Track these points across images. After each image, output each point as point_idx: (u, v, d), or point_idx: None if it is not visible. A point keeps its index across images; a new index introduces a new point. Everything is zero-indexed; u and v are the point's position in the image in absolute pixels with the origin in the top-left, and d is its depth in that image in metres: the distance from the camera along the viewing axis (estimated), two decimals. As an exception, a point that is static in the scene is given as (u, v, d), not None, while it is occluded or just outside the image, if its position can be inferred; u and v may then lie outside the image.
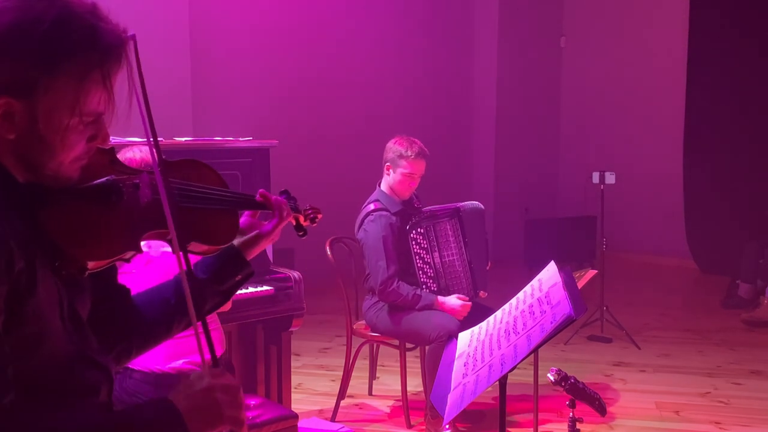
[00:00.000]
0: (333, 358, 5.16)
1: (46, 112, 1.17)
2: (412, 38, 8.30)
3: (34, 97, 1.16)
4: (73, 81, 1.17)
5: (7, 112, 1.16)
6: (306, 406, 4.25)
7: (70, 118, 1.19)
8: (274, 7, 7.11)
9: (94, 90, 1.20)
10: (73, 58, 1.17)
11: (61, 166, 1.23)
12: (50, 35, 1.15)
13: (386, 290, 3.80)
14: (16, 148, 1.19)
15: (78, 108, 1.19)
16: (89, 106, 1.20)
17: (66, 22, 1.16)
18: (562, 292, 2.01)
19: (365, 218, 3.90)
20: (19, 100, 1.16)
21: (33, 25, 1.14)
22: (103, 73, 1.19)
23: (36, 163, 1.21)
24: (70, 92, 1.18)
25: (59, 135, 1.20)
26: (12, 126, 1.17)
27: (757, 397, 4.55)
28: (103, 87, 1.20)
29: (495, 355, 2.01)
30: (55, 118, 1.18)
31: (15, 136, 1.18)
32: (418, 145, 3.92)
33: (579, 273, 3.95)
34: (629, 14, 8.92)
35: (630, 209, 8.59)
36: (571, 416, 2.40)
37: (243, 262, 1.56)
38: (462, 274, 3.92)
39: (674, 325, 6.20)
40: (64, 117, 1.19)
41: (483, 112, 9.04)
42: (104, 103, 1.22)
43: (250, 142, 3.74)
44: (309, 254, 5.81)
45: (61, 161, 1.23)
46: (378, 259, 3.81)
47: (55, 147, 1.20)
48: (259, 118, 6.66)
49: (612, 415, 4.15)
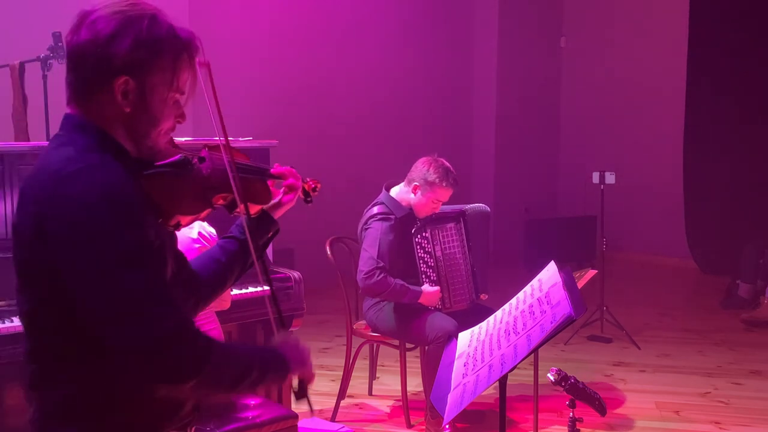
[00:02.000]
0: (333, 358, 5.16)
1: (152, 87, 1.52)
2: (412, 38, 8.30)
3: (143, 75, 1.51)
4: (169, 61, 1.53)
5: (125, 90, 1.51)
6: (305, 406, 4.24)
7: (169, 92, 1.55)
8: (275, 7, 7.10)
9: (184, 69, 1.56)
10: (168, 43, 1.53)
11: (159, 137, 1.58)
12: (150, 28, 1.52)
13: (371, 279, 3.72)
14: (128, 120, 1.53)
15: (174, 83, 1.55)
16: (181, 82, 1.57)
17: (157, 20, 1.54)
18: (562, 292, 2.01)
19: (369, 219, 3.90)
20: (133, 78, 1.50)
21: (136, 21, 1.51)
22: (189, 55, 1.57)
23: (141, 133, 1.55)
24: (169, 71, 1.54)
25: (160, 107, 1.55)
26: (128, 101, 1.52)
27: (757, 397, 4.55)
28: (190, 66, 1.58)
29: (495, 355, 2.01)
30: (158, 92, 1.53)
31: (130, 109, 1.52)
32: (452, 174, 3.88)
33: (579, 273, 3.95)
34: (629, 14, 8.92)
35: (630, 209, 8.59)
36: (571, 416, 2.40)
37: (272, 221, 1.91)
38: (464, 277, 3.91)
39: (674, 325, 6.20)
40: (165, 91, 1.54)
41: (483, 112, 9.04)
42: (189, 83, 1.59)
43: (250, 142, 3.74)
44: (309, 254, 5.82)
45: (159, 131, 1.57)
46: (371, 251, 3.78)
47: (158, 118, 1.55)
48: (259, 118, 6.66)
49: (612, 415, 4.15)
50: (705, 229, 8.26)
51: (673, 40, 8.48)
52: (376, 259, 3.74)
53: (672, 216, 8.50)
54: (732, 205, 7.96)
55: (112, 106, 1.51)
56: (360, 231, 3.95)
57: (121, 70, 1.49)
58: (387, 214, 3.86)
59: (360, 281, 3.79)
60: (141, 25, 1.51)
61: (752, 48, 7.87)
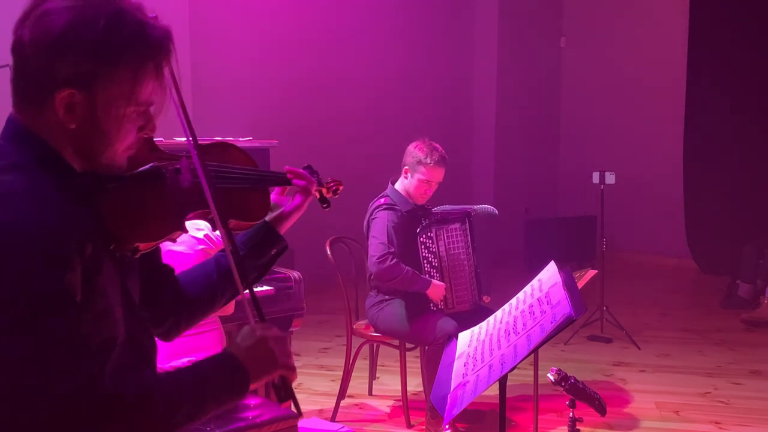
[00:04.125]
0: (333, 358, 5.16)
1: (104, 102, 1.27)
2: (411, 38, 8.30)
3: (93, 88, 1.26)
4: (129, 72, 1.27)
5: (70, 103, 1.26)
6: (306, 406, 4.25)
7: (126, 107, 1.29)
8: (274, 7, 7.10)
9: (148, 80, 1.30)
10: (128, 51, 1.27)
11: (115, 154, 1.33)
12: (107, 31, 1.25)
13: (384, 264, 3.71)
14: (75, 137, 1.29)
15: (134, 97, 1.29)
16: (143, 96, 1.30)
17: (120, 19, 1.26)
18: (562, 292, 2.01)
19: (375, 209, 3.90)
20: (80, 91, 1.25)
21: (91, 22, 1.24)
22: (156, 65, 1.31)
23: (93, 151, 1.31)
24: (127, 83, 1.28)
25: (115, 124, 1.30)
26: (73, 116, 1.27)
27: (757, 397, 4.55)
28: (155, 78, 1.31)
29: (495, 355, 2.01)
30: (113, 108, 1.28)
31: (76, 125, 1.27)
32: (438, 152, 3.88)
33: (579, 273, 3.94)
34: (629, 14, 8.92)
35: (630, 209, 8.58)
36: (571, 416, 2.40)
37: (277, 237, 1.68)
38: (468, 278, 3.90)
39: (674, 325, 6.20)
40: (120, 106, 1.28)
41: (483, 112, 9.04)
42: (156, 93, 1.33)
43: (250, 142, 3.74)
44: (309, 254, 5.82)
45: (116, 149, 1.33)
46: (381, 237, 3.78)
47: (111, 135, 1.30)
48: (259, 118, 6.66)
49: (612, 415, 4.15)
50: (705, 229, 8.26)
51: (674, 40, 8.48)
52: (387, 244, 3.75)
53: (672, 216, 8.50)
54: (732, 205, 7.96)
55: (55, 121, 1.27)
56: (366, 223, 3.96)
57: (67, 82, 1.24)
58: (392, 205, 3.88)
59: (372, 266, 3.78)
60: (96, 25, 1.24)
61: (752, 48, 7.87)
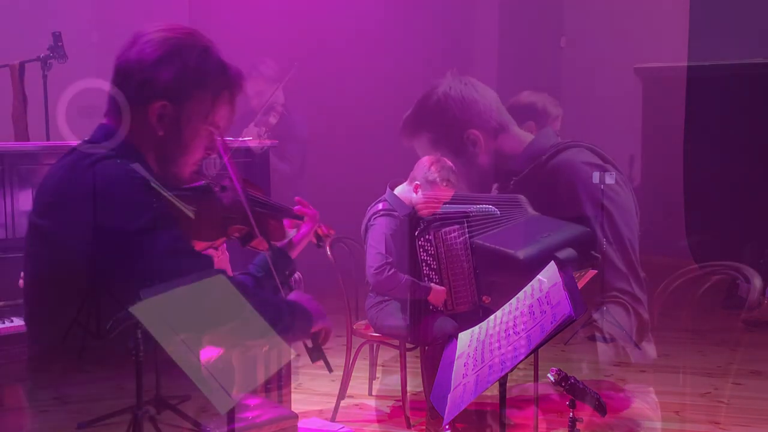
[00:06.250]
0: (333, 358, 5.09)
1: (188, 116, 1.59)
2: (411, 39, 8.29)
3: (182, 103, 1.58)
4: (210, 95, 1.60)
5: (162, 113, 1.58)
6: (306, 406, 4.25)
7: (203, 124, 1.62)
8: (274, 8, 7.10)
9: (222, 105, 1.64)
10: (212, 77, 1.60)
11: (185, 166, 1.65)
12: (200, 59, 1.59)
13: (382, 275, 3.72)
14: (160, 144, 1.60)
15: (210, 117, 1.62)
16: (217, 117, 1.63)
17: (208, 52, 1.62)
18: (562, 292, 2.01)
19: (373, 215, 3.90)
20: (171, 103, 1.58)
21: (188, 49, 1.58)
22: (231, 93, 1.65)
23: (171, 158, 1.62)
24: (207, 103, 1.61)
25: (192, 137, 1.61)
26: (162, 125, 1.59)
27: (757, 397, 4.55)
28: (229, 104, 1.65)
29: (495, 355, 2.01)
30: (193, 122, 1.60)
31: (163, 133, 1.59)
32: (454, 175, 3.89)
33: (579, 273, 3.94)
34: (629, 14, 8.90)
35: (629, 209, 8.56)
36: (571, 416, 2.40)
37: (288, 260, 1.97)
38: (467, 280, 3.89)
39: (674, 325, 6.19)
40: (199, 122, 1.61)
41: (483, 112, 9.02)
42: (225, 119, 1.66)
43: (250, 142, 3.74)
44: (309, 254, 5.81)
45: (186, 161, 1.64)
46: (378, 247, 3.78)
47: (187, 146, 1.62)
48: (259, 118, 6.64)
49: (612, 415, 4.15)
50: (705, 229, 8.25)
51: (674, 39, 8.47)
52: (384, 254, 3.74)
53: (672, 216, 8.48)
54: (732, 204, 7.95)
55: (147, 127, 1.58)
56: (364, 228, 3.95)
57: (162, 95, 1.56)
58: (391, 211, 3.87)
59: (370, 277, 3.80)
60: (190, 55, 1.58)
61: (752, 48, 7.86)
